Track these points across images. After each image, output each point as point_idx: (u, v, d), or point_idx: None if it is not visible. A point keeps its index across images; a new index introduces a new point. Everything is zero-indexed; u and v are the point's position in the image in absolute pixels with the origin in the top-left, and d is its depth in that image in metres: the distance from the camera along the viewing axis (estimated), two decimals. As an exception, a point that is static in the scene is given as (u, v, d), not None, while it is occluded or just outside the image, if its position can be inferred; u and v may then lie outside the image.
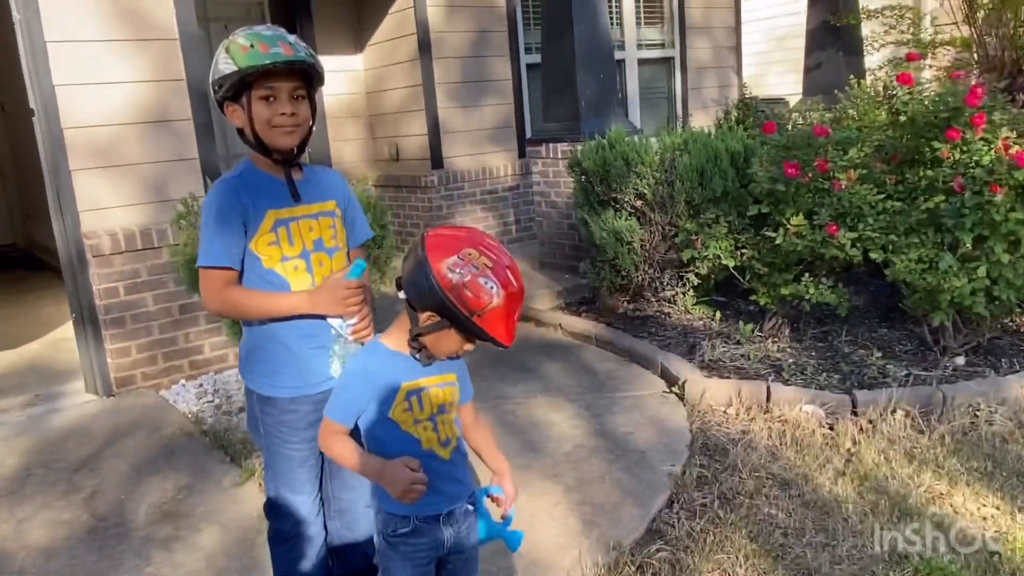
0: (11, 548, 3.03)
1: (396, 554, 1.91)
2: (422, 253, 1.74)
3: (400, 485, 1.79)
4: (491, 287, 1.72)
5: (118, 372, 4.49)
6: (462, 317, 1.73)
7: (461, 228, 1.90)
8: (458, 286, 1.71)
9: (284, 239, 2.08)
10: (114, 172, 4.36)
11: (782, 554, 2.78)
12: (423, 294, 1.74)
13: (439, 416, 1.91)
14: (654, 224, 4.91)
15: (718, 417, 3.85)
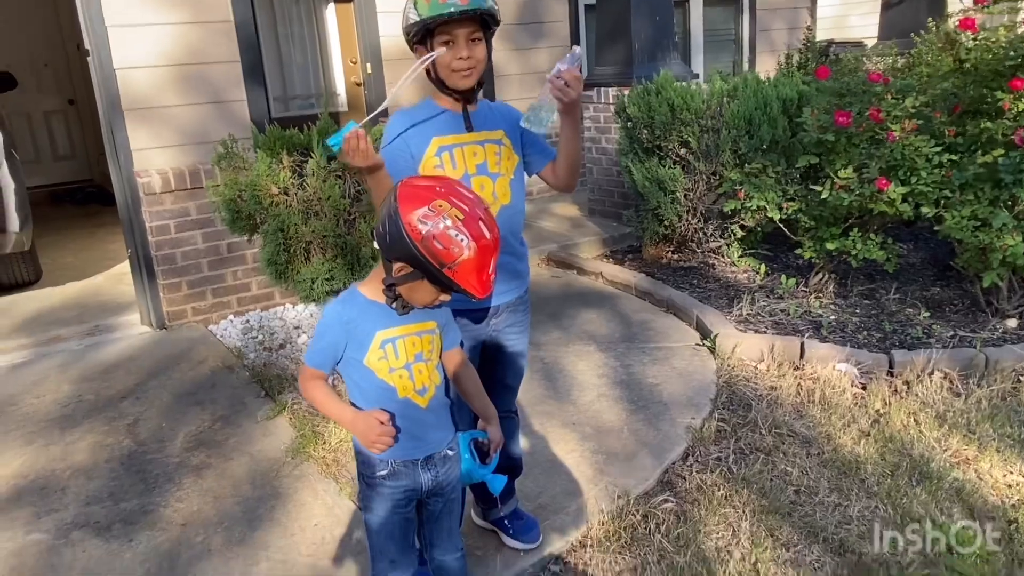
0: (58, 467, 3.24)
1: (375, 494, 1.97)
2: (394, 204, 1.74)
3: (369, 436, 1.86)
4: (461, 239, 1.72)
5: (170, 307, 4.69)
6: (433, 269, 1.74)
7: (437, 178, 1.89)
8: (427, 238, 1.71)
9: (448, 163, 2.20)
10: (164, 112, 4.48)
11: (791, 511, 2.75)
12: (394, 245, 1.75)
13: (415, 364, 1.93)
14: (699, 173, 4.79)
15: (748, 372, 3.79)
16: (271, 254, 3.68)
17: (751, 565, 2.50)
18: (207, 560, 2.64)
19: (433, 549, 2.13)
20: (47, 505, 2.98)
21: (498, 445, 2.15)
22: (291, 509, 2.89)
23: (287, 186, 3.62)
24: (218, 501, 2.97)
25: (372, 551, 2.06)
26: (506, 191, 2.31)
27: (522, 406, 3.55)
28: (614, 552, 2.58)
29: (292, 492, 3.00)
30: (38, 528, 2.84)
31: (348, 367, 1.93)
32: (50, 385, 4.02)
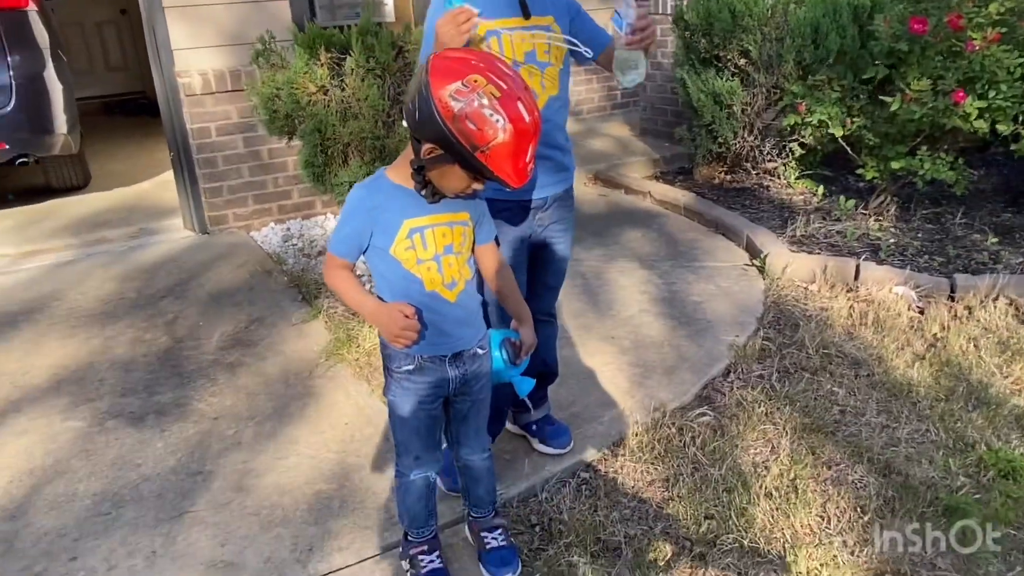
0: (97, 360, 3.27)
1: (400, 389, 1.90)
2: (425, 77, 1.59)
3: (392, 329, 1.76)
4: (497, 120, 1.57)
5: (211, 211, 4.67)
6: (464, 151, 1.60)
7: (474, 51, 1.73)
8: (460, 116, 1.56)
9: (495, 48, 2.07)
10: (204, 11, 4.37)
11: (835, 431, 2.63)
12: (423, 122, 1.61)
13: (444, 257, 1.82)
14: (758, 86, 4.53)
15: (797, 293, 3.63)
16: (308, 156, 3.60)
17: (789, 481, 2.40)
18: (236, 452, 2.64)
19: (460, 448, 2.07)
20: (84, 395, 3.01)
21: (530, 347, 2.06)
22: (322, 408, 2.87)
23: (325, 85, 3.51)
24: (251, 397, 2.97)
25: (397, 446, 2.01)
26: (554, 81, 2.19)
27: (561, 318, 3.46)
28: (646, 462, 2.51)
29: (324, 392, 2.97)
30: (74, 416, 2.87)
31: (374, 257, 1.83)
32: (94, 283, 4.06)
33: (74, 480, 2.51)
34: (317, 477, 2.49)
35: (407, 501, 2.05)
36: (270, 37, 3.72)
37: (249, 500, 2.39)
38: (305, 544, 2.20)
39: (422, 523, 2.07)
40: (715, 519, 2.26)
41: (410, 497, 2.04)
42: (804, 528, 2.23)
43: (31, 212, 5.23)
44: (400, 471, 2.03)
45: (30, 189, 5.65)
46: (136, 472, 2.55)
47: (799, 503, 2.30)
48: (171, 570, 2.13)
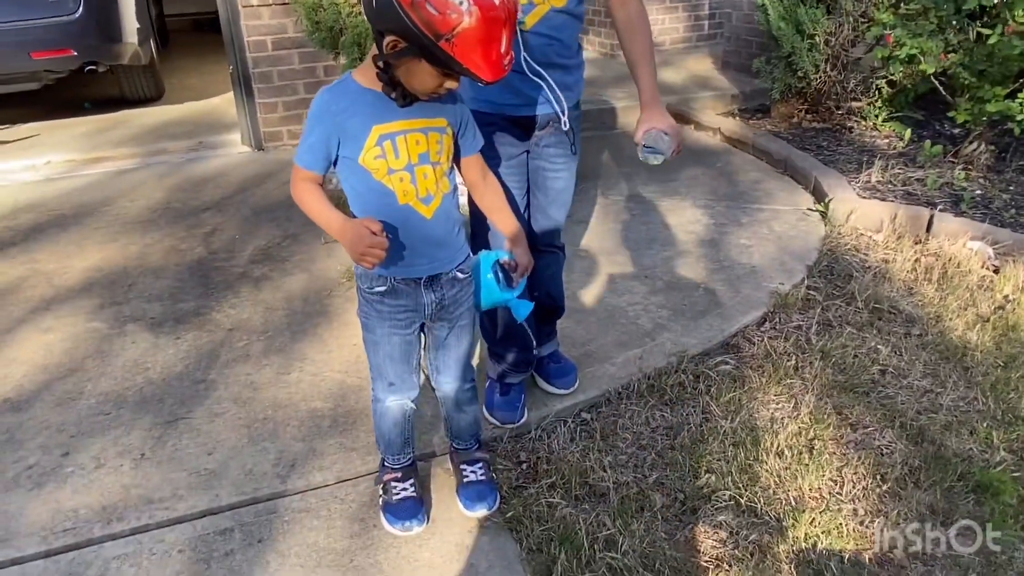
0: (131, 265, 3.32)
1: (373, 311, 1.79)
2: None
3: (357, 247, 1.59)
4: (460, 3, 1.40)
5: (267, 127, 4.66)
6: (426, 41, 1.44)
7: None
8: (419, 2, 1.41)
9: None
10: (264, -81, 4.28)
11: (869, 391, 2.40)
12: (380, 10, 1.45)
13: (419, 167, 1.67)
14: (845, 14, 4.12)
15: (861, 242, 3.33)
16: (347, 69, 3.49)
17: (806, 440, 2.20)
18: (243, 363, 2.62)
19: (439, 376, 1.96)
20: (112, 298, 3.05)
21: (525, 269, 1.90)
22: (335, 327, 2.82)
23: (367, -5, 3.37)
24: (268, 312, 2.95)
25: (372, 370, 1.91)
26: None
27: (592, 253, 3.31)
28: (653, 408, 2.35)
29: (340, 312, 2.92)
30: (98, 317, 2.92)
31: (344, 169, 1.69)
32: (145, 191, 4.12)
33: (83, 379, 2.55)
34: (315, 395, 2.45)
35: (382, 426, 1.97)
36: (317, -55, 3.59)
37: (244, 412, 2.38)
38: (288, 460, 2.17)
39: (397, 450, 1.99)
40: (716, 474, 2.10)
41: (384, 423, 1.96)
42: (812, 491, 2.04)
43: (103, 120, 5.36)
44: (376, 395, 1.94)
45: (106, 99, 5.79)
46: (143, 376, 2.57)
47: (812, 464, 2.11)
48: (155, 473, 2.13)
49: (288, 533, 1.93)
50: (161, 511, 2.00)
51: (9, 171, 4.48)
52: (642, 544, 1.87)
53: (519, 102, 2.03)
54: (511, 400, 2.28)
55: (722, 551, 1.87)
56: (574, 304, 2.88)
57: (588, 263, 3.23)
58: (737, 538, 1.90)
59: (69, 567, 1.84)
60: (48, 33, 4.59)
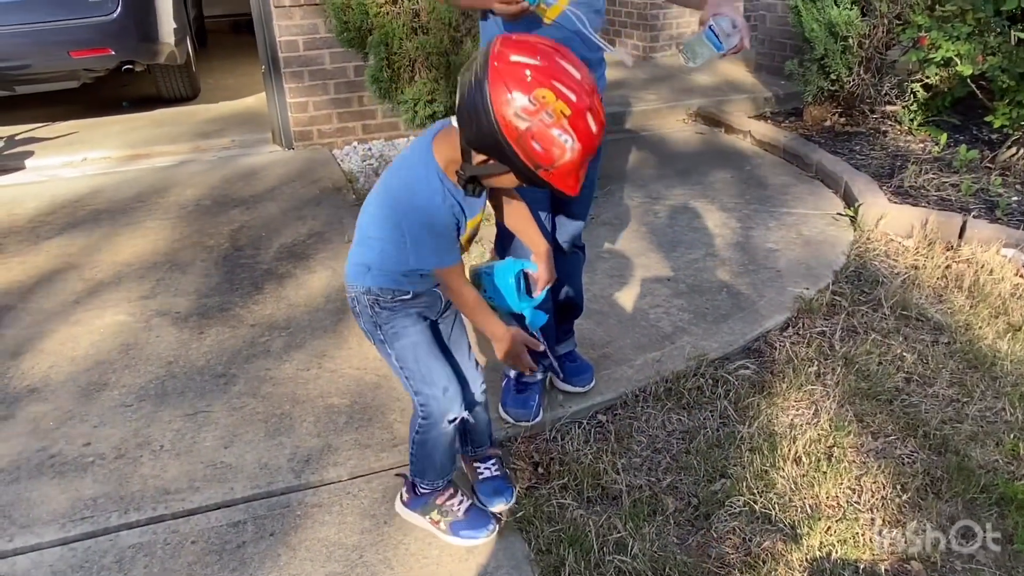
0: (160, 261, 3.37)
1: (399, 315, 1.77)
2: (485, 88, 1.38)
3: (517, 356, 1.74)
4: (565, 140, 1.38)
5: (297, 127, 4.71)
6: (525, 169, 1.43)
7: (535, 46, 1.43)
8: (525, 136, 1.38)
9: None
10: (297, -79, 4.33)
11: (892, 399, 2.35)
12: (482, 136, 1.42)
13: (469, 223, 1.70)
14: (879, 16, 4.05)
15: (891, 248, 3.27)
16: (375, 70, 3.52)
17: (825, 448, 2.16)
18: (263, 359, 2.65)
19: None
20: (139, 292, 3.11)
21: (546, 282, 1.90)
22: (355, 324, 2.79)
23: (395, -5, 3.39)
24: (290, 308, 2.97)
25: (419, 387, 1.78)
26: None
27: (616, 255, 3.29)
28: (669, 411, 2.33)
29: (361, 309, 2.93)
30: (125, 311, 2.97)
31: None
32: (177, 189, 4.19)
33: (108, 371, 2.60)
34: (332, 391, 2.46)
35: (435, 456, 1.87)
36: (347, -54, 3.63)
37: (262, 406, 2.40)
38: (303, 455, 2.19)
39: (448, 471, 1.95)
40: (731, 479, 2.07)
41: (438, 450, 1.86)
42: (829, 499, 2.00)
43: (139, 119, 5.46)
44: (429, 420, 1.80)
45: (143, 98, 5.90)
46: (166, 369, 2.61)
47: (830, 472, 2.07)
48: (173, 464, 2.16)
49: (300, 528, 1.95)
50: (177, 502, 2.03)
51: (48, 167, 4.59)
52: (652, 548, 1.85)
53: None
54: (526, 398, 2.28)
55: (734, 557, 1.85)
56: (594, 305, 2.86)
57: (611, 264, 3.21)
58: (750, 545, 1.88)
59: (85, 555, 1.88)
60: (87, 32, 4.69)
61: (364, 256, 1.74)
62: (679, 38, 6.54)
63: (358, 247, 1.76)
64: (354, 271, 1.76)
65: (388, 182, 1.69)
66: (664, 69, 6.17)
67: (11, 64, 4.72)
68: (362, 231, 1.74)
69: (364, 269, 1.74)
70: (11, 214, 3.90)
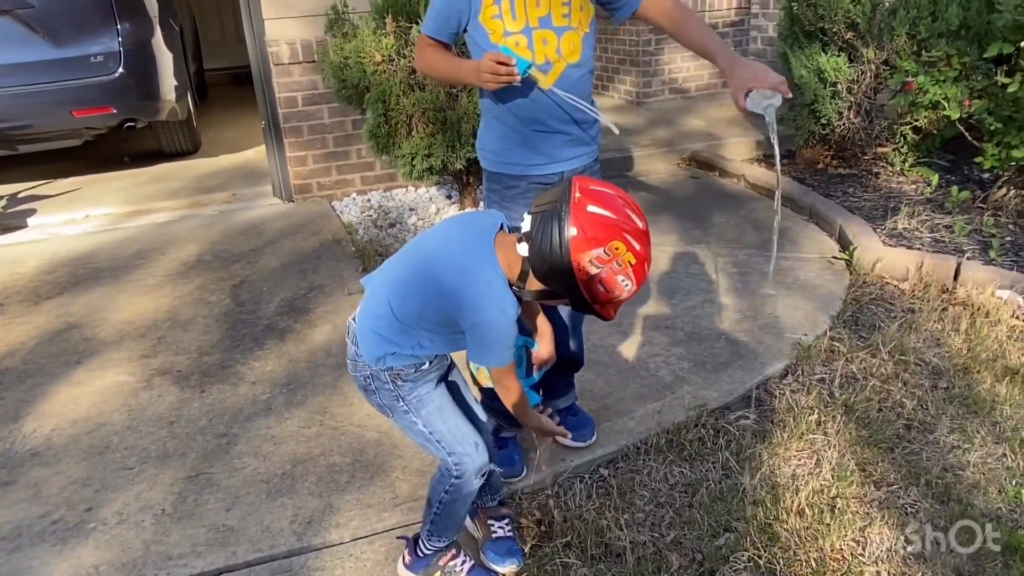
0: (161, 319, 3.39)
1: (416, 384, 1.77)
2: (565, 233, 1.48)
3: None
4: (627, 285, 1.52)
5: (297, 180, 4.76)
6: (584, 302, 1.55)
7: (611, 199, 1.53)
8: (594, 279, 1.50)
9: (507, 12, 1.96)
10: (295, -19, 4.43)
11: (893, 447, 2.35)
12: (553, 272, 1.52)
13: None
14: (866, 63, 4.12)
15: (887, 291, 3.29)
16: (372, 125, 3.58)
17: (828, 499, 2.16)
18: (265, 417, 2.66)
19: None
20: (141, 351, 3.12)
21: (545, 363, 1.95)
22: (355, 380, 2.85)
23: (390, 54, 3.46)
24: (292, 364, 2.99)
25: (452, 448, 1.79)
26: (574, 48, 2.02)
27: (614, 303, 3.30)
28: (671, 464, 2.32)
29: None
30: (127, 371, 2.98)
31: None
32: (179, 244, 4.23)
33: (110, 433, 2.60)
34: (334, 449, 2.47)
35: (460, 511, 1.88)
36: (343, 6, 3.72)
37: (264, 467, 2.40)
38: (305, 516, 2.18)
39: (460, 528, 1.97)
40: (734, 533, 2.06)
41: (463, 505, 1.88)
42: (834, 553, 1.99)
43: (141, 175, 5.53)
44: (461, 478, 1.81)
45: (144, 153, 5.97)
46: (167, 430, 2.61)
47: (834, 524, 2.06)
48: (175, 529, 2.16)
49: (302, 592, 1.94)
50: (180, 568, 2.02)
51: (49, 225, 4.64)
52: (657, 607, 1.84)
53: (544, 160, 2.09)
54: (508, 454, 2.29)
55: (740, 615, 1.84)
56: (594, 355, 2.87)
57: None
58: (755, 601, 1.86)
59: (87, 625, 1.87)
60: (89, 92, 4.77)
61: (394, 338, 1.69)
62: (672, 83, 6.65)
63: (386, 328, 1.69)
64: (376, 351, 1.70)
65: (442, 278, 1.63)
66: (657, 113, 6.27)
67: (13, 124, 4.79)
68: (393, 314, 1.68)
69: (388, 351, 1.70)
70: (13, 274, 3.93)
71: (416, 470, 2.33)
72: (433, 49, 2.08)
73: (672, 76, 6.65)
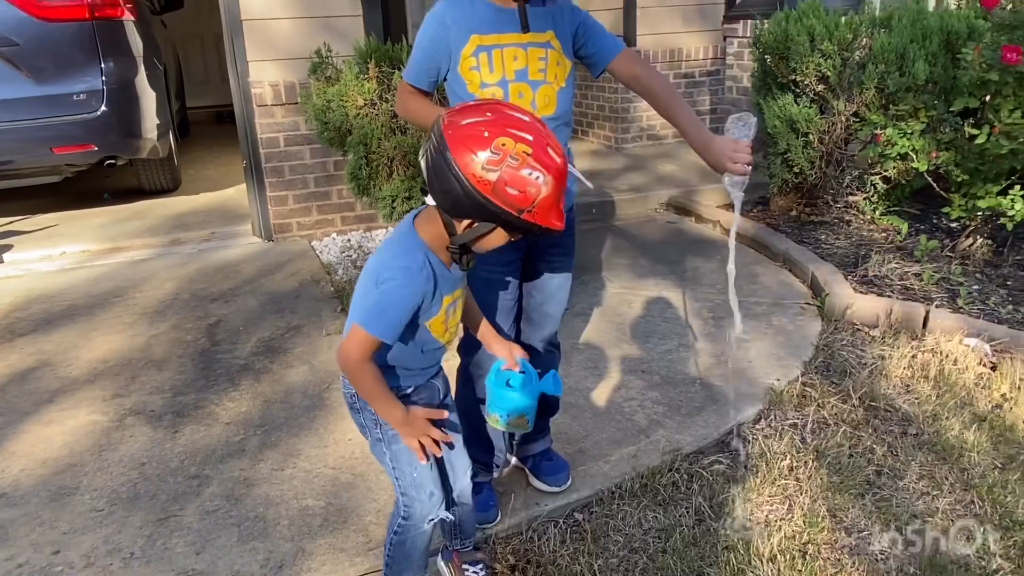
0: (136, 358, 3.37)
1: None
2: (448, 155, 1.47)
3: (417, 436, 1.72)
4: (536, 177, 1.47)
5: (277, 219, 4.78)
6: (510, 217, 1.51)
7: (480, 106, 1.57)
8: (499, 185, 1.46)
9: (484, 65, 2.01)
10: (279, 24, 4.49)
11: (864, 493, 2.38)
12: (460, 202, 1.50)
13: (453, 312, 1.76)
14: (837, 114, 4.24)
15: (857, 338, 3.35)
16: (354, 168, 3.62)
17: (800, 544, 2.17)
18: (238, 459, 2.64)
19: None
20: (114, 390, 3.10)
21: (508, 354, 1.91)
22: (331, 421, 2.84)
23: (372, 98, 3.52)
24: (267, 405, 2.97)
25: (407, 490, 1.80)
26: (549, 101, 2.07)
27: (591, 346, 3.34)
28: (646, 508, 2.33)
29: (338, 405, 2.94)
30: (99, 410, 2.96)
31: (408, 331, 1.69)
32: (155, 282, 4.21)
33: (80, 474, 2.57)
34: (307, 492, 2.45)
35: (413, 555, 1.88)
36: (327, 51, 3.78)
37: (236, 510, 2.38)
38: (277, 560, 2.16)
39: (424, 571, 1.96)
40: (707, 579, 2.07)
41: (417, 550, 1.87)
42: (806, 600, 2.01)
43: (120, 211, 5.52)
44: (408, 523, 1.82)
45: (124, 190, 5.97)
46: (139, 471, 2.58)
47: (805, 571, 2.08)
48: (143, 572, 2.13)
49: (272, 638, 1.91)
50: (146, 613, 1.99)
51: (26, 261, 4.61)
52: (630, 655, 1.84)
53: None
54: (483, 499, 2.28)
55: (712, 663, 1.84)
56: (570, 399, 2.89)
57: (586, 356, 3.26)
58: (727, 649, 1.87)
59: (50, 673, 1.83)
60: (70, 129, 4.77)
61: None
62: (649, 130, 6.78)
63: None
64: None
65: (369, 265, 1.69)
66: (634, 159, 6.37)
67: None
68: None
69: None
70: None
71: (390, 515, 2.32)
72: (414, 96, 2.13)
73: (649, 124, 6.77)
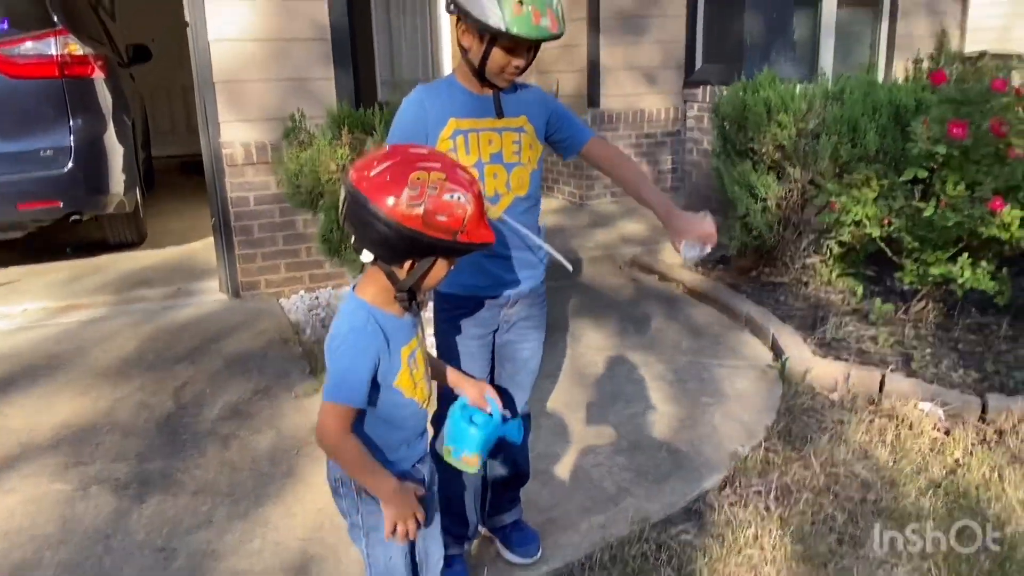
0: (100, 423, 3.33)
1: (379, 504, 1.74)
2: (371, 207, 1.50)
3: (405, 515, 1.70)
4: (459, 198, 1.53)
5: (244, 276, 4.78)
6: (446, 244, 1.56)
7: (380, 154, 1.59)
8: (428, 217, 1.51)
9: (461, 148, 2.07)
10: (251, 86, 4.55)
11: (827, 562, 2.44)
12: (393, 247, 1.55)
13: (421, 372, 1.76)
14: (793, 182, 4.41)
15: (817, 402, 3.44)
16: (325, 230, 3.66)
17: (766, 617, 2.22)
18: (205, 530, 2.62)
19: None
20: (78, 457, 3.05)
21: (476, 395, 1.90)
22: (299, 490, 2.84)
23: (345, 163, 3.58)
24: (234, 473, 2.96)
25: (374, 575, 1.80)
26: (522, 183, 2.16)
27: (559, 410, 3.39)
28: (615, 580, 2.37)
29: (306, 473, 2.94)
30: (63, 479, 2.91)
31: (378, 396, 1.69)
32: (119, 341, 4.17)
33: (43, 547, 2.53)
34: (276, 566, 2.44)
35: None
36: (300, 116, 3.85)
37: (203, 584, 2.36)
38: (246, 639, 2.14)
39: None
40: (676, 653, 2.10)
41: None
42: (772, 673, 2.05)
43: (82, 266, 5.46)
44: None
45: (89, 243, 5.91)
46: (103, 544, 2.55)
47: (772, 643, 2.12)
48: (108, 654, 2.10)
49: None
50: None
51: (-15, 318, 4.53)
52: None
53: (490, 283, 2.17)
54: (455, 573, 2.29)
55: None
56: (539, 465, 2.92)
57: (555, 421, 3.30)
58: None
59: None
60: (36, 186, 4.74)
61: None
62: (613, 187, 6.92)
63: None
64: (334, 470, 1.77)
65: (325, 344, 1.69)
66: (599, 215, 6.50)
67: (-46, 216, 4.73)
68: None
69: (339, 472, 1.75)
70: (-56, 371, 3.82)
71: (361, 588, 2.32)
72: None
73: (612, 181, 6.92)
